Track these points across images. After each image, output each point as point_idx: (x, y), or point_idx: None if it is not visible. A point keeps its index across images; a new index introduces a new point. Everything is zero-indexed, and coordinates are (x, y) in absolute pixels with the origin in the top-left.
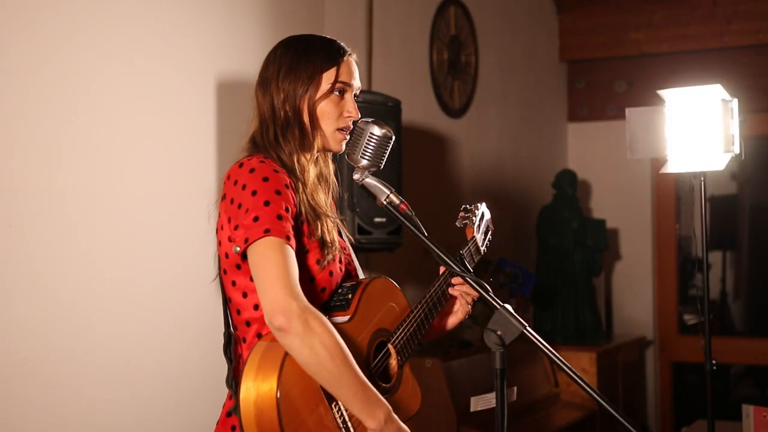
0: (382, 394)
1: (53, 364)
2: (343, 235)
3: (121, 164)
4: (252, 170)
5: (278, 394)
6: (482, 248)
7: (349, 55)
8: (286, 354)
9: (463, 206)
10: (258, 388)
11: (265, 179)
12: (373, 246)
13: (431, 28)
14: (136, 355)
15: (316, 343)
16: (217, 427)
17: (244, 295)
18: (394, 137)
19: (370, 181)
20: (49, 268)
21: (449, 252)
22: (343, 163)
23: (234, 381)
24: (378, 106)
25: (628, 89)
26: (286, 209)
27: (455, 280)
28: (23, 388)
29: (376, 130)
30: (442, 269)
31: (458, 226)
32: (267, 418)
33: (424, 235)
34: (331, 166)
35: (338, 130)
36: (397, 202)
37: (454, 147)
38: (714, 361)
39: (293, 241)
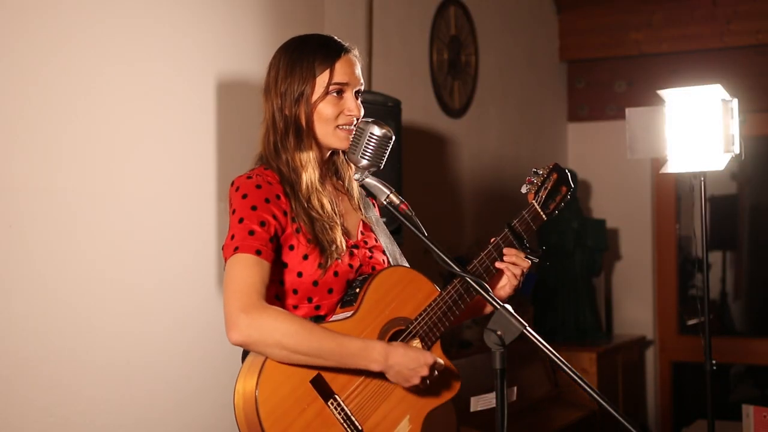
0: None
1: (53, 364)
2: (374, 228)
3: (121, 164)
4: (237, 188)
5: (256, 393)
6: (544, 213)
7: (346, 52)
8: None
9: (533, 169)
10: (244, 388)
11: (244, 196)
12: None
13: (431, 28)
14: (136, 355)
15: (279, 338)
16: None
17: None
18: (394, 137)
19: (370, 181)
20: (49, 268)
21: (450, 251)
22: None
23: None
24: (378, 106)
25: (628, 89)
26: (262, 223)
27: (506, 251)
28: (23, 388)
29: (376, 130)
30: (492, 240)
31: (522, 192)
32: (251, 418)
33: (424, 235)
34: (349, 168)
35: (338, 128)
36: (397, 202)
37: (454, 147)
38: (714, 361)
39: (267, 253)
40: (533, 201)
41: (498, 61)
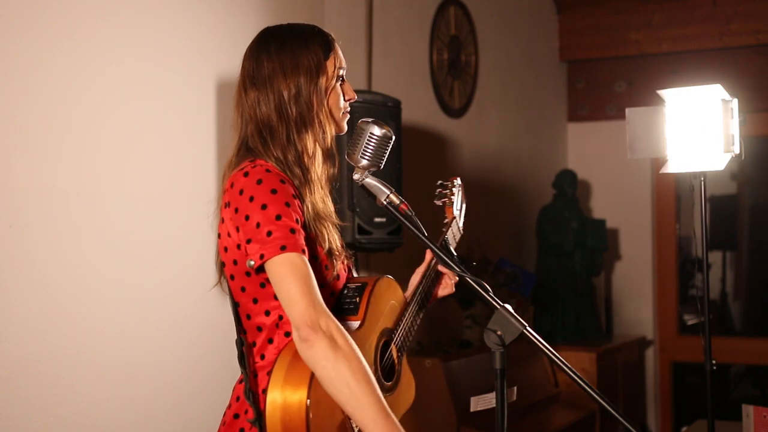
0: (386, 393)
1: (53, 364)
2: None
3: (122, 164)
4: (259, 181)
5: (308, 403)
6: (461, 226)
7: (334, 39)
8: None
9: (438, 182)
10: (286, 398)
11: (273, 191)
12: (373, 246)
13: (431, 28)
14: (136, 355)
15: (340, 358)
16: (222, 428)
17: (255, 300)
18: (394, 137)
19: (370, 181)
20: (49, 268)
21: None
22: (343, 163)
23: (251, 392)
24: (378, 106)
25: (628, 89)
26: (297, 221)
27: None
28: (23, 388)
29: (376, 130)
30: (428, 255)
31: (437, 204)
32: (295, 429)
33: (424, 235)
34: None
35: (344, 113)
36: (397, 202)
37: (454, 147)
38: (714, 361)
39: (307, 253)
40: (455, 215)
41: (498, 61)
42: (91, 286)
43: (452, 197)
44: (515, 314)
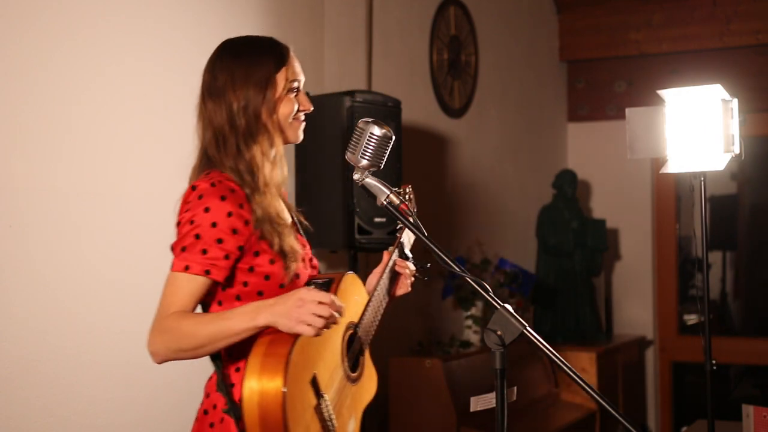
0: (351, 383)
1: (53, 364)
2: (301, 230)
3: (121, 164)
4: (200, 197)
5: (285, 391)
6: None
7: (290, 50)
8: (290, 352)
9: (393, 189)
10: (263, 385)
11: (207, 209)
12: (373, 246)
13: (431, 28)
14: (136, 355)
15: (175, 335)
16: (195, 424)
17: (219, 302)
18: (394, 137)
19: (370, 181)
20: (49, 268)
21: (450, 251)
22: (344, 164)
23: (224, 384)
24: (378, 106)
25: (628, 89)
26: (219, 240)
27: (398, 261)
28: (23, 388)
29: (376, 130)
30: (385, 256)
31: None
32: (272, 416)
33: (424, 235)
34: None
35: (295, 119)
36: (397, 202)
37: (454, 147)
38: (714, 361)
39: (217, 271)
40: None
41: (498, 61)
42: (91, 286)
43: (407, 203)
44: (515, 314)
